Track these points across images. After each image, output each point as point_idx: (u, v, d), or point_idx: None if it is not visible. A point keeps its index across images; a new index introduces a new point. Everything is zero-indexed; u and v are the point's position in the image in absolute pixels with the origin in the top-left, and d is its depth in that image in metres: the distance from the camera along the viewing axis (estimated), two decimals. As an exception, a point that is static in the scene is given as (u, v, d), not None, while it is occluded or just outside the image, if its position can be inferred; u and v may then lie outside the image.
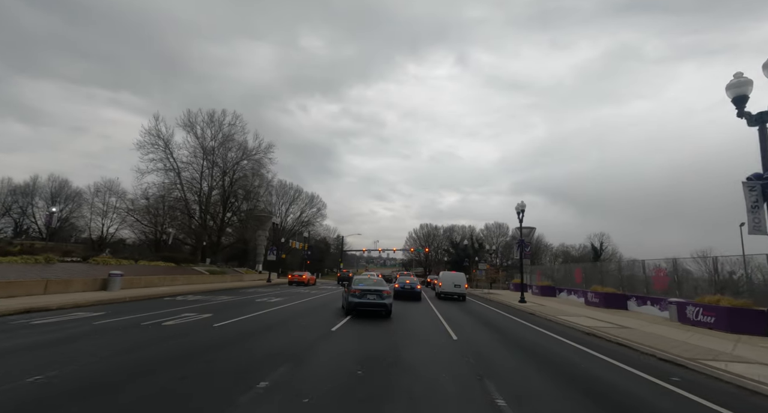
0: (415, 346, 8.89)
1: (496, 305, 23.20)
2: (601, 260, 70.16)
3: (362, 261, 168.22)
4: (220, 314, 12.74)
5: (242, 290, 24.76)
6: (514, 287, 40.39)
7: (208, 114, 40.97)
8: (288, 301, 18.87)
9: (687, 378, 7.01)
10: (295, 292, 25.78)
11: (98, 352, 6.84)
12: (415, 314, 16.01)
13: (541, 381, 6.40)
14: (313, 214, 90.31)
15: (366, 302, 13.89)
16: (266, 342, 8.48)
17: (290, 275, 41.79)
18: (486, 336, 11.05)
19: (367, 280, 15.95)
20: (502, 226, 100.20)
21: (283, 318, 12.51)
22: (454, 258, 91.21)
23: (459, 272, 33.22)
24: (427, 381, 5.97)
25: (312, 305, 17.51)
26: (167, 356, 6.78)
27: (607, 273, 24.45)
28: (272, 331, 9.94)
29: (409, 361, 7.23)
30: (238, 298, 19.22)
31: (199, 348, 7.58)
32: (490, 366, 7.23)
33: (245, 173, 42.09)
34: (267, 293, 23.06)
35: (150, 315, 11.80)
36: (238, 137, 42.18)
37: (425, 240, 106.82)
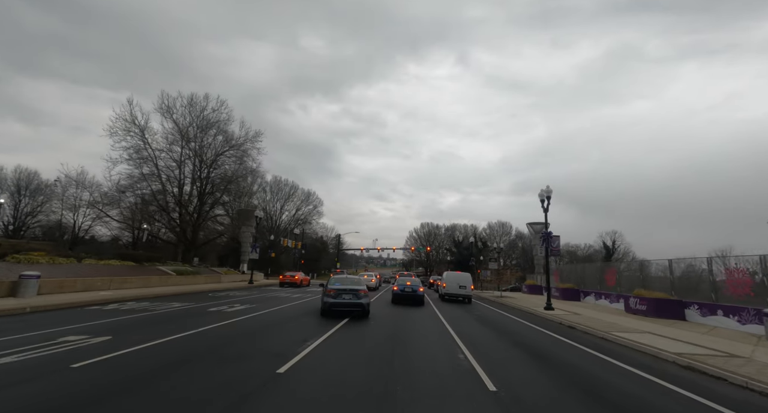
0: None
1: (518, 313, 18.98)
2: (614, 259, 66.07)
3: (362, 261, 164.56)
4: (127, 335, 8.54)
5: (210, 294, 20.59)
6: (528, 289, 36.10)
7: (188, 98, 36.82)
8: (255, 310, 14.66)
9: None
10: (274, 296, 21.57)
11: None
12: (418, 328, 11.80)
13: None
14: (310, 212, 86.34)
15: (341, 303, 13.36)
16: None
17: (281, 276, 37.98)
18: (537, 376, 6.82)
19: (344, 279, 15.08)
20: (505, 225, 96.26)
21: (216, 344, 8.26)
22: (457, 258, 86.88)
23: (464, 272, 29.12)
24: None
25: (283, 316, 13.31)
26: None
27: (649, 275, 20.21)
28: (165, 378, 5.72)
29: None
30: (189, 306, 15.02)
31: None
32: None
33: (229, 163, 37.88)
34: (236, 299, 18.86)
35: (10, 341, 7.63)
36: (222, 125, 38.06)
37: (426, 240, 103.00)
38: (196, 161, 36.12)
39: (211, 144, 36.75)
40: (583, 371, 7.41)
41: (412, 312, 16.86)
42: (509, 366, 7.40)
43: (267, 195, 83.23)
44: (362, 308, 13.79)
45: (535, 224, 47.11)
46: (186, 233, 32.60)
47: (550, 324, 14.76)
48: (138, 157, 32.98)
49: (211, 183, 35.10)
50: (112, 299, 15.50)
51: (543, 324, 14.93)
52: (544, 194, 20.10)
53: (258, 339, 9.02)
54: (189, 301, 16.77)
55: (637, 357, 9.06)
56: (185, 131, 35.36)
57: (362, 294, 13.82)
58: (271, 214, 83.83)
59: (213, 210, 36.07)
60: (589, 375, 7.07)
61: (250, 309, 14.74)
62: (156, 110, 34.79)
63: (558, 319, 15.82)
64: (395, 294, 21.29)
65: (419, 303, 20.84)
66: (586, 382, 6.59)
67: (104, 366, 6.12)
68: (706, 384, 6.85)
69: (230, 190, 35.45)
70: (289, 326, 11.26)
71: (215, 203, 35.06)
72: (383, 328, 11.61)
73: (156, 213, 33.10)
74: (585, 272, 28.28)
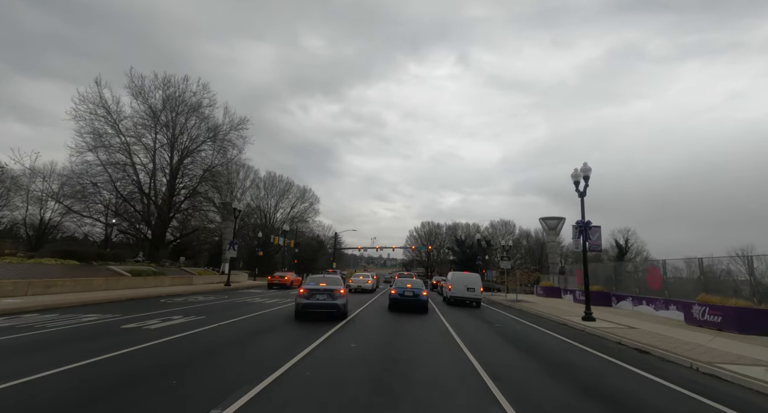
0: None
1: (549, 324, 14.88)
2: (626, 259, 61.92)
3: (362, 262, 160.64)
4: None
5: (162, 300, 16.57)
6: (544, 291, 31.94)
7: (164, 79, 32.66)
8: (199, 324, 10.57)
9: None
10: (243, 302, 17.52)
11: None
12: (424, 357, 7.69)
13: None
14: (305, 209, 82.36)
15: (314, 304, 12.65)
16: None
17: (270, 277, 34.10)
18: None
19: (321, 279, 14.06)
20: (508, 223, 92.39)
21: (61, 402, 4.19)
22: (460, 257, 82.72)
23: (471, 272, 25.20)
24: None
25: (232, 336, 9.21)
26: None
27: (713, 277, 16.10)
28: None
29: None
30: (105, 320, 10.93)
31: None
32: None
33: (208, 151, 33.78)
34: (188, 307, 14.80)
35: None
36: (204, 111, 33.93)
37: (427, 239, 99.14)
38: (170, 149, 32.05)
39: (189, 130, 32.66)
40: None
41: (413, 324, 12.83)
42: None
43: (261, 192, 79.29)
44: (338, 310, 12.87)
45: (548, 219, 42.99)
46: (154, 228, 28.49)
47: (605, 346, 10.65)
48: (105, 144, 28.92)
49: (185, 173, 31.01)
50: (6, 310, 11.43)
51: (596, 344, 10.81)
52: (580, 175, 15.95)
53: (156, 386, 4.96)
54: (116, 312, 12.67)
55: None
56: (158, 115, 31.27)
57: (338, 295, 12.89)
58: (264, 211, 79.80)
59: (192, 202, 31.90)
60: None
61: (193, 324, 10.66)
62: (126, 91, 30.65)
63: (610, 336, 11.72)
64: (393, 299, 17.25)
65: (422, 310, 16.81)
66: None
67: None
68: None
69: (206, 178, 31.29)
70: (229, 355, 7.19)
71: (191, 195, 30.91)
72: (371, 357, 7.53)
73: (120, 207, 28.99)
74: (617, 273, 24.13)
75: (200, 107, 33.86)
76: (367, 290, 29.15)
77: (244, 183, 78.15)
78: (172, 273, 26.38)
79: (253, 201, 77.58)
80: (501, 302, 25.34)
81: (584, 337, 12.01)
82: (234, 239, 27.99)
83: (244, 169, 77.98)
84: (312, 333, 9.71)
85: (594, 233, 15.23)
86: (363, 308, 17.52)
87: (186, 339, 8.53)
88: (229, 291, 24.53)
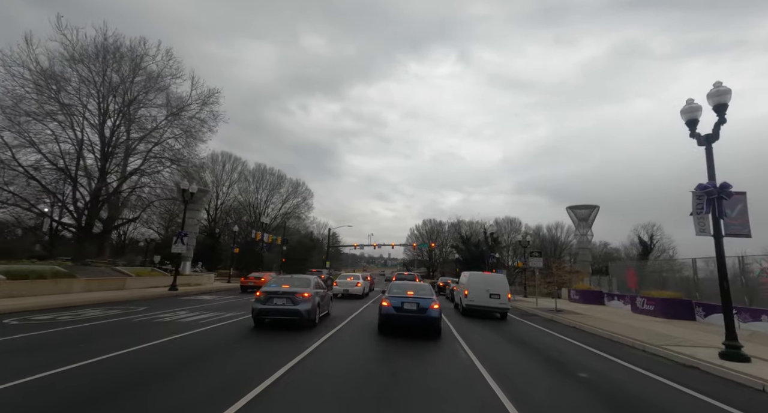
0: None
1: (654, 364, 8.31)
2: (651, 257, 55.28)
3: (362, 262, 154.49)
4: None
5: (5, 322, 10.19)
6: (580, 296, 25.26)
7: (114, 46, 26.02)
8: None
9: None
10: (161, 321, 11.08)
11: None
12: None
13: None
14: (298, 204, 76.01)
15: (272, 309, 10.44)
16: None
17: (243, 279, 28.02)
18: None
19: (286, 279, 12.05)
20: (513, 221, 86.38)
21: None
22: (465, 256, 76.08)
23: (495, 273, 18.99)
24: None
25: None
26: None
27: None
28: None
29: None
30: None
31: None
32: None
33: (160, 120, 27.28)
34: (25, 337, 8.40)
35: None
36: (163, 82, 27.42)
37: (428, 237, 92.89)
38: (116, 120, 25.50)
39: (135, 95, 26.01)
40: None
41: (417, 364, 6.48)
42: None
43: (250, 185, 73.00)
44: (300, 317, 10.46)
45: (578, 209, 36.21)
46: (79, 216, 22.02)
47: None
48: (39, 113, 22.36)
49: (134, 151, 24.52)
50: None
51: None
52: (695, 111, 9.35)
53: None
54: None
55: None
56: (96, 79, 24.69)
57: (300, 298, 10.59)
58: (254, 206, 73.36)
59: (135, 184, 25.40)
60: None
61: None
62: (64, 55, 23.87)
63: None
64: (386, 315, 10.80)
65: (432, 333, 10.63)
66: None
67: None
68: None
69: (160, 158, 24.80)
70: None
71: (140, 175, 24.36)
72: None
73: (43, 192, 22.48)
74: (695, 274, 17.53)
75: (160, 77, 27.41)
76: (356, 295, 22.68)
77: (231, 175, 71.85)
78: (97, 275, 19.90)
79: (241, 195, 71.32)
80: (535, 312, 18.83)
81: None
82: (183, 230, 21.50)
83: (230, 160, 71.99)
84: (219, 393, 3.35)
85: (734, 205, 8.68)
86: (344, 325, 11.34)
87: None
88: (163, 299, 18.09)
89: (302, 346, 8.00)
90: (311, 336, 9.45)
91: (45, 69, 22.32)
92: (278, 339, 9.08)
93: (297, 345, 8.19)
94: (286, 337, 9.27)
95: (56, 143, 22.74)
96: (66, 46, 24.39)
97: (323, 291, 12.71)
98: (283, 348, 7.88)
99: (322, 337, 9.33)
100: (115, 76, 24.36)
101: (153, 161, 26.85)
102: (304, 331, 10.11)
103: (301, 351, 7.51)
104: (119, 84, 25.14)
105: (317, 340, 8.91)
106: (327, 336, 9.59)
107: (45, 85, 21.84)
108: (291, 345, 8.34)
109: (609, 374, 7.25)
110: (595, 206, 34.52)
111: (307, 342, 8.65)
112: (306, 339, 8.91)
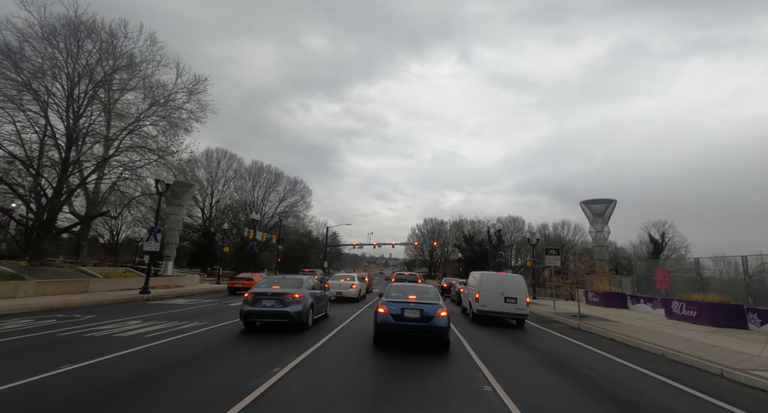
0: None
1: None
2: (663, 256, 52.77)
3: (363, 262, 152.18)
4: None
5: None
6: (601, 299, 22.71)
7: (88, 26, 23.46)
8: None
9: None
10: (93, 337, 8.68)
11: None
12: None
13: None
14: (296, 202, 73.58)
15: (259, 311, 9.90)
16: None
17: (230, 281, 25.85)
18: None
19: (278, 280, 11.50)
20: (517, 220, 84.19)
21: None
22: (468, 255, 73.75)
23: (512, 274, 16.59)
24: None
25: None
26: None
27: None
28: None
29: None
30: None
31: None
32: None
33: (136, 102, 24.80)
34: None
35: None
36: (146, 67, 24.94)
37: (430, 237, 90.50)
38: (84, 104, 22.96)
39: (108, 78, 23.46)
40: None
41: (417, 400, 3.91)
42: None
43: (247, 183, 70.61)
44: (290, 319, 9.86)
45: (593, 203, 33.47)
46: (38, 211, 19.59)
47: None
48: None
49: (99, 135, 22.06)
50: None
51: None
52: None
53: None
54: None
55: None
56: (63, 59, 22.23)
57: (291, 300, 10.01)
58: (250, 204, 71.03)
59: (102, 174, 22.94)
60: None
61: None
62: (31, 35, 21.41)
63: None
64: (382, 325, 8.64)
65: (440, 345, 8.84)
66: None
67: None
68: None
69: (135, 148, 22.32)
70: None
71: (103, 164, 21.87)
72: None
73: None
74: (747, 273, 15.02)
75: (143, 63, 24.90)
76: (350, 298, 20.24)
77: (226, 173, 69.43)
78: (55, 276, 17.49)
79: (236, 192, 69.02)
80: (554, 318, 16.36)
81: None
82: (156, 225, 19.07)
83: (226, 157, 69.59)
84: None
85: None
86: (330, 337, 8.95)
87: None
88: (127, 304, 15.69)
89: (254, 383, 5.55)
90: (281, 354, 7.04)
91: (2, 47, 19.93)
92: (232, 361, 6.69)
93: (253, 375, 5.78)
94: (243, 360, 6.88)
95: (13, 126, 20.24)
96: (32, 24, 22.06)
97: (319, 292, 12.13)
98: (232, 378, 5.48)
99: (288, 365, 6.92)
100: (85, 57, 21.94)
101: (129, 152, 24.40)
102: (272, 351, 7.72)
103: (247, 393, 5.08)
104: (91, 66, 22.71)
105: (300, 355, 6.51)
106: (300, 358, 7.18)
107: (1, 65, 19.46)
108: (247, 369, 5.96)
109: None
110: (612, 200, 31.98)
111: (266, 369, 6.24)
112: (269, 362, 6.52)
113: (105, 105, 22.99)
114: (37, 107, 20.31)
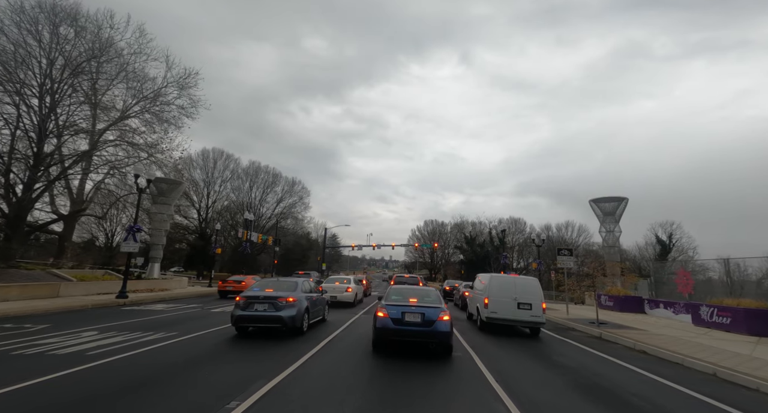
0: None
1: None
2: (670, 258, 51.17)
3: (363, 264, 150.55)
4: None
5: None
6: (615, 304, 21.11)
7: (66, 11, 22.00)
8: None
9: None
10: (22, 355, 7.13)
11: None
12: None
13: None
14: (293, 203, 72.08)
15: (251, 316, 9.47)
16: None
17: (221, 283, 24.21)
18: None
19: (271, 283, 11.18)
20: (518, 221, 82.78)
21: None
22: (470, 257, 72.14)
23: (525, 276, 15.05)
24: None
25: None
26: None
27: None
28: None
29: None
30: None
31: None
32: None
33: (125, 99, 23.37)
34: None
35: None
36: (134, 60, 23.50)
37: (430, 238, 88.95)
38: (59, 94, 21.47)
39: (83, 65, 21.88)
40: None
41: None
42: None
43: (244, 184, 69.11)
44: (283, 324, 9.42)
45: (603, 202, 31.78)
46: (10, 209, 18.07)
47: None
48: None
49: (71, 123, 20.51)
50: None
51: None
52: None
53: None
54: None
55: None
56: (36, 45, 20.73)
57: (284, 304, 9.60)
58: (247, 205, 69.49)
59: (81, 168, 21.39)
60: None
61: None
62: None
63: None
64: (382, 329, 7.53)
65: (442, 351, 8.29)
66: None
67: None
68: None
69: (118, 143, 20.83)
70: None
71: (81, 159, 20.36)
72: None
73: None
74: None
75: (132, 56, 23.45)
76: (345, 302, 18.68)
77: (223, 173, 67.93)
78: (21, 279, 15.95)
79: (233, 193, 67.55)
80: (571, 325, 14.79)
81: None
82: (135, 224, 17.56)
83: (222, 157, 68.13)
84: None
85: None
86: (321, 348, 7.52)
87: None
88: (97, 310, 14.15)
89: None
90: (249, 377, 5.53)
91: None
92: (180, 390, 5.16)
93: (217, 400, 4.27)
94: (194, 390, 5.35)
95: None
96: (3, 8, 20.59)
97: (315, 295, 11.66)
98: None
99: (252, 396, 5.39)
100: (61, 43, 20.48)
101: (115, 149, 22.94)
102: (242, 371, 6.20)
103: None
104: (67, 53, 21.22)
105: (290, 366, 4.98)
106: (291, 369, 5.65)
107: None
108: (192, 406, 4.45)
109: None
110: (623, 198, 30.46)
111: (219, 405, 4.71)
112: (230, 389, 5.00)
113: (88, 97, 21.55)
114: (6, 95, 18.87)
